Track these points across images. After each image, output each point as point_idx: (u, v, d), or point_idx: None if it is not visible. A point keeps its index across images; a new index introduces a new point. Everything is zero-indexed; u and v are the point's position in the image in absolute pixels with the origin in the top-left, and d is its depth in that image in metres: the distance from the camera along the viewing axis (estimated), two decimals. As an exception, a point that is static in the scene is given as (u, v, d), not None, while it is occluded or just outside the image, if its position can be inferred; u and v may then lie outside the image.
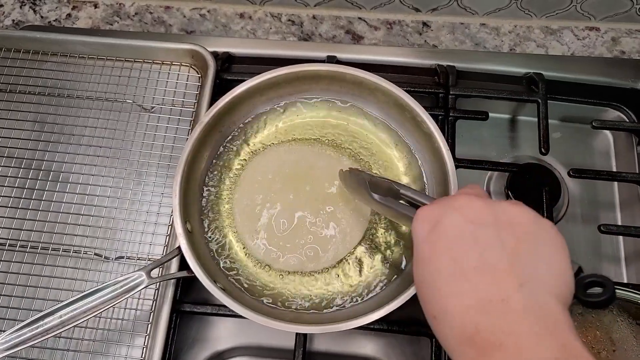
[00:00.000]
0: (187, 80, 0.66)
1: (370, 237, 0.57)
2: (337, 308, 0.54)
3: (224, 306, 0.51)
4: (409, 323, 0.54)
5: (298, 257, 0.56)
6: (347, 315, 0.51)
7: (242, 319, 0.51)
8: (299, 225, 0.57)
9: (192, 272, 0.51)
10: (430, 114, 0.57)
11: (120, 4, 0.76)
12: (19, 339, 0.47)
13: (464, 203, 0.36)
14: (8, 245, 0.58)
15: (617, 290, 0.47)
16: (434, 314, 0.35)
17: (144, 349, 0.54)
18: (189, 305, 0.56)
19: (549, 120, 0.62)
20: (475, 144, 0.67)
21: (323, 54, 0.67)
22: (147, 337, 0.54)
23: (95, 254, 0.58)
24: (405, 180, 0.59)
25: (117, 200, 0.60)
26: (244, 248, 0.56)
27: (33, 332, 0.47)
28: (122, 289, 0.50)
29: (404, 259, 0.56)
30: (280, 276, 0.55)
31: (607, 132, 0.68)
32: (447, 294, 0.34)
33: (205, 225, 0.57)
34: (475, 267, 0.34)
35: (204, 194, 0.58)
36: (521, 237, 0.34)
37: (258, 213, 0.57)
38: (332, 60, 0.66)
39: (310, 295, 0.55)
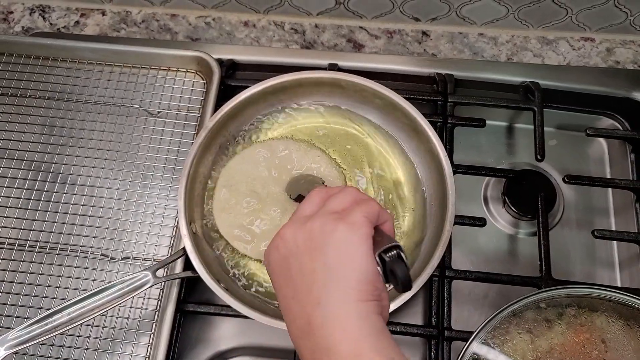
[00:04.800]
0: (192, 86, 0.68)
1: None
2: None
3: (227, 306, 0.52)
4: (409, 325, 0.56)
5: None
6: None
7: (244, 319, 0.53)
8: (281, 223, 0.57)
9: (197, 272, 0.52)
10: (429, 121, 0.58)
11: (127, 12, 0.78)
12: (28, 335, 0.49)
13: (280, 239, 0.40)
14: (17, 245, 0.60)
15: (610, 293, 0.49)
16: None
17: (149, 347, 0.55)
18: (192, 305, 0.57)
19: (545, 128, 0.64)
20: (472, 151, 0.68)
21: (325, 62, 0.69)
22: (152, 335, 0.56)
23: (102, 254, 0.60)
24: (403, 185, 0.60)
25: (124, 202, 0.62)
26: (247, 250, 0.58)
27: (42, 329, 0.49)
28: (128, 288, 0.51)
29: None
30: None
31: (602, 139, 0.70)
32: (287, 322, 0.39)
33: (210, 228, 0.59)
34: (292, 297, 0.38)
35: (209, 197, 0.60)
36: (315, 255, 0.37)
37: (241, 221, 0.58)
38: (333, 67, 0.68)
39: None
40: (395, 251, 0.38)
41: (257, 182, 0.59)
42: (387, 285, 0.39)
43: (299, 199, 0.55)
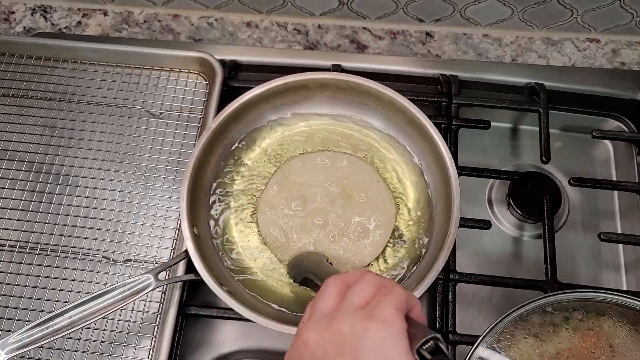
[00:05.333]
0: (194, 87, 0.67)
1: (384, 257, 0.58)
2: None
3: (229, 309, 0.52)
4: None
5: (345, 256, 0.57)
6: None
7: (246, 323, 0.52)
8: (318, 236, 0.58)
9: (199, 275, 0.52)
10: (433, 122, 0.58)
11: (129, 12, 0.77)
12: (29, 339, 0.48)
13: (302, 344, 0.37)
14: (18, 247, 0.59)
15: (617, 297, 0.48)
16: None
17: (151, 350, 0.55)
18: (194, 308, 0.57)
19: (550, 130, 0.63)
20: (477, 152, 0.68)
21: (328, 63, 0.69)
22: (153, 339, 0.55)
23: (104, 257, 0.59)
24: (408, 186, 0.60)
25: (125, 204, 0.61)
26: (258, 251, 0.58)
27: (43, 332, 0.48)
28: (130, 291, 0.51)
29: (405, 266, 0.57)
30: (292, 282, 0.56)
31: (607, 141, 0.69)
32: None
33: (212, 228, 0.58)
34: None
35: (211, 199, 0.59)
36: (346, 357, 0.34)
37: (281, 222, 0.58)
38: (337, 69, 0.67)
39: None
40: (434, 343, 0.34)
41: (309, 189, 0.59)
42: None
43: (306, 282, 0.52)
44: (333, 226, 0.58)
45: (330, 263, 0.55)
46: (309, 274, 0.50)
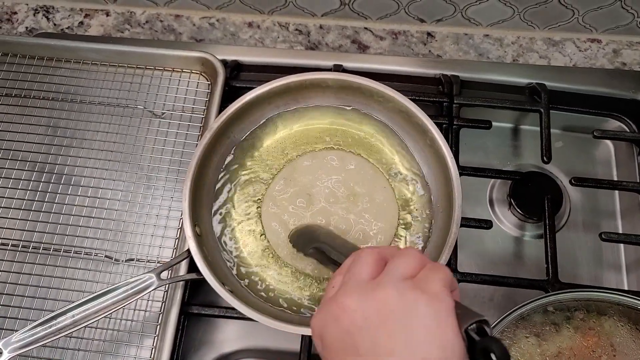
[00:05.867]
0: (196, 87, 0.67)
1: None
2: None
3: (232, 308, 0.52)
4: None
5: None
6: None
7: (248, 322, 0.52)
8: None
9: (201, 275, 0.52)
10: (435, 122, 0.58)
11: (131, 13, 0.77)
12: (32, 337, 0.48)
13: (340, 309, 0.35)
14: (21, 247, 0.59)
15: (618, 297, 0.49)
16: None
17: (153, 349, 0.55)
18: (197, 307, 0.57)
19: (551, 130, 0.64)
20: (478, 152, 0.68)
21: (329, 63, 0.69)
22: (156, 338, 0.55)
23: (106, 256, 0.59)
24: (410, 186, 0.60)
25: (128, 204, 0.61)
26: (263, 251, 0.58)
27: (46, 332, 0.48)
28: (132, 290, 0.51)
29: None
30: (295, 282, 0.56)
31: (608, 141, 0.69)
32: None
33: (214, 228, 0.58)
34: None
35: (213, 198, 0.59)
36: (394, 333, 0.32)
37: (283, 217, 0.59)
38: (338, 69, 0.68)
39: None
40: (484, 327, 0.32)
41: (315, 187, 0.59)
42: None
43: (313, 254, 0.51)
44: (334, 227, 0.58)
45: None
46: (322, 244, 0.49)
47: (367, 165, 0.61)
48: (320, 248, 0.49)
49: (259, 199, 0.60)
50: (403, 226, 0.58)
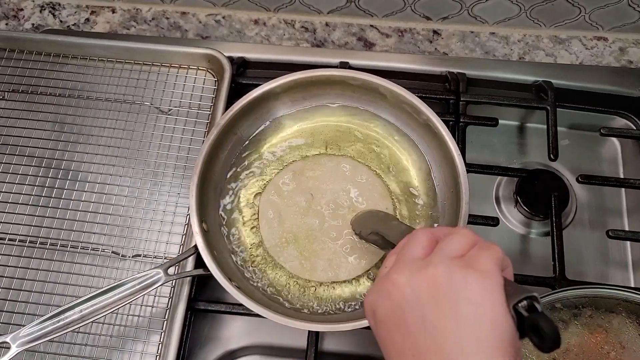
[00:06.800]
0: (203, 84, 0.67)
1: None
2: (351, 310, 0.55)
3: (238, 304, 0.52)
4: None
5: (323, 265, 0.57)
6: (360, 315, 0.52)
7: (254, 318, 0.52)
8: (322, 237, 0.58)
9: (208, 270, 0.52)
10: (441, 120, 0.58)
11: (137, 9, 0.78)
12: (40, 332, 0.48)
13: (391, 285, 0.36)
14: (28, 242, 0.59)
15: (626, 294, 0.48)
16: None
17: (160, 345, 0.55)
18: (203, 303, 0.57)
19: (558, 128, 0.64)
20: (484, 150, 0.68)
21: (335, 60, 0.69)
22: (162, 333, 0.55)
23: (113, 252, 0.59)
24: (417, 184, 0.60)
25: (135, 200, 0.62)
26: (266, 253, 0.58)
27: (53, 326, 0.49)
28: (140, 286, 0.51)
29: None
30: (297, 283, 0.56)
31: (615, 139, 0.69)
32: None
33: (221, 224, 0.58)
34: (410, 354, 0.34)
35: (220, 194, 0.59)
36: (443, 308, 0.33)
37: (280, 208, 0.59)
38: (344, 66, 0.68)
39: (329, 300, 0.56)
40: (533, 303, 0.32)
41: (318, 187, 0.59)
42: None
43: (371, 238, 0.52)
44: (325, 233, 0.58)
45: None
46: (379, 229, 0.50)
47: (378, 183, 0.60)
48: (379, 232, 0.50)
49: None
50: (412, 219, 0.58)
